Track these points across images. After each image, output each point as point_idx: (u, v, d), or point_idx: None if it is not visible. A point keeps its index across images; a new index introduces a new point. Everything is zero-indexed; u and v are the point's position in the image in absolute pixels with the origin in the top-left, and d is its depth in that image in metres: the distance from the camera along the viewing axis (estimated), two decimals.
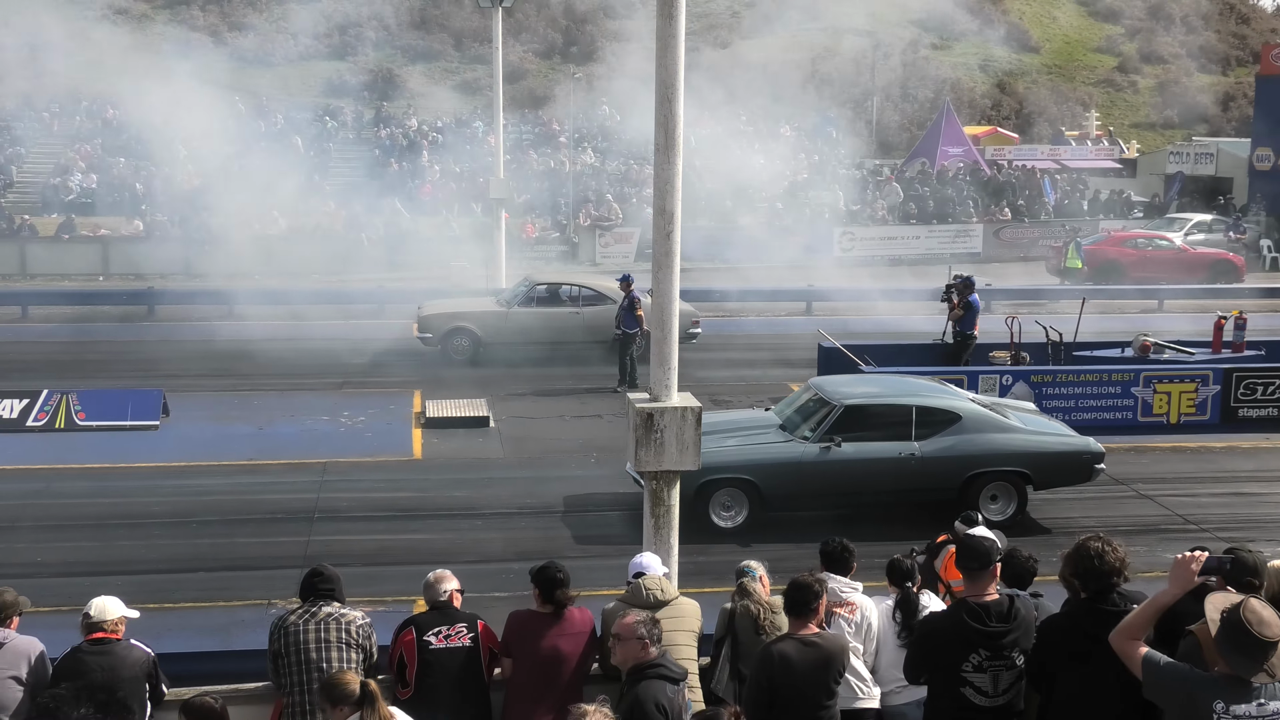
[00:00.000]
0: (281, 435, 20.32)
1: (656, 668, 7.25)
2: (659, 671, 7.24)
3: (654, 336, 9.72)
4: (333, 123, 51.47)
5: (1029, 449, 16.34)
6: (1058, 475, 16.59)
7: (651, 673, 7.21)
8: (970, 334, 23.03)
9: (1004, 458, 16.17)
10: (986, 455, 16.11)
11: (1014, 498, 16.22)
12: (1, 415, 20.34)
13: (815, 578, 7.79)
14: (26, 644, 8.00)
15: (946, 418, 16.21)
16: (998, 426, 16.42)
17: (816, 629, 7.65)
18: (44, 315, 30.83)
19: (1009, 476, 16.19)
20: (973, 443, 16.14)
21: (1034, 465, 16.25)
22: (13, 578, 12.05)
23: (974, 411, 16.46)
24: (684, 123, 9.49)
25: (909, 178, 48.68)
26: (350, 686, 7.03)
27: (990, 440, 16.22)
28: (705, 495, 15.61)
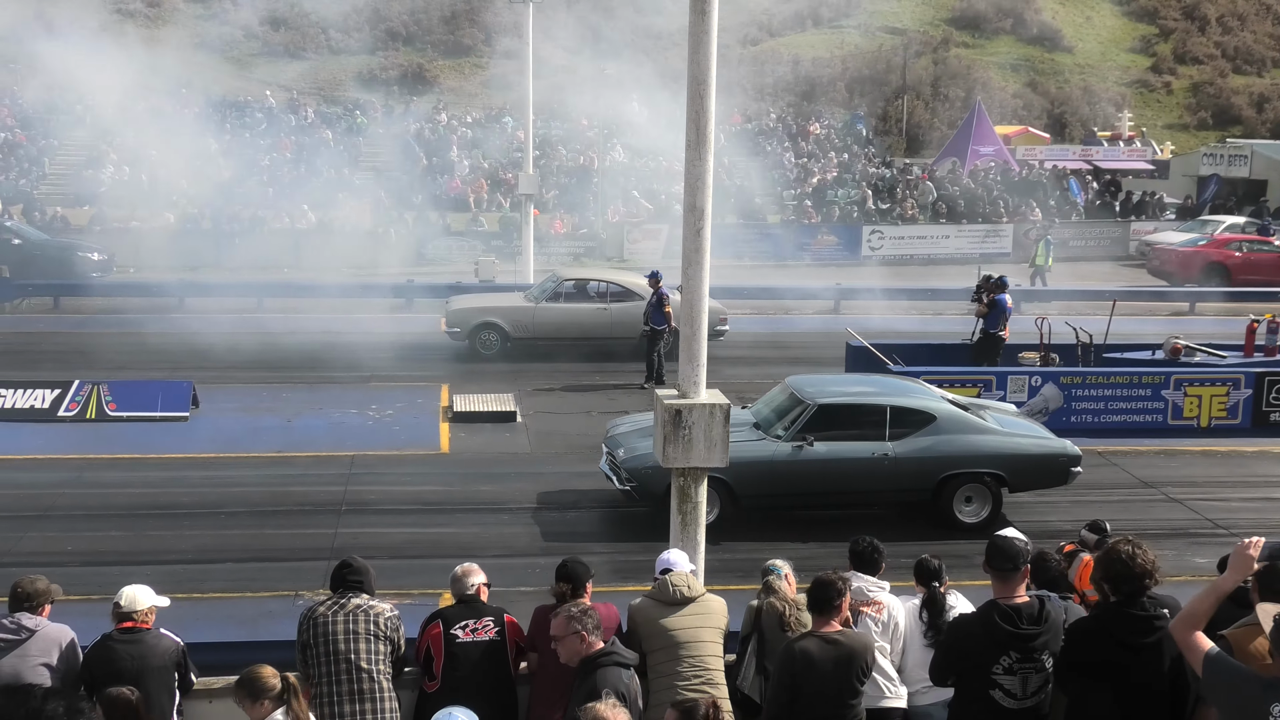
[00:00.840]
0: (310, 428, 20.40)
1: (609, 655, 7.22)
2: (612, 659, 7.21)
3: (683, 333, 9.71)
4: (363, 117, 51.61)
5: (1004, 451, 16.17)
6: (1033, 478, 16.41)
7: (605, 661, 7.18)
8: (996, 333, 22.92)
9: (979, 459, 16.02)
10: (961, 457, 15.97)
11: (989, 500, 16.05)
12: (33, 405, 20.49)
13: (839, 575, 7.78)
14: (58, 632, 8.06)
15: (921, 418, 16.06)
16: (973, 428, 16.26)
17: (839, 627, 7.65)
18: (75, 306, 31.02)
19: (984, 478, 16.03)
20: (947, 444, 16.00)
21: (1009, 467, 16.08)
22: (44, 566, 12.21)
23: (949, 412, 16.29)
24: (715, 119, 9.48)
25: (939, 176, 48.50)
26: (270, 680, 7.09)
27: (965, 441, 16.08)
28: None
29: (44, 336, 27.45)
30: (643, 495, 15.69)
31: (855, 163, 49.74)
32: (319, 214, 40.64)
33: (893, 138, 65.99)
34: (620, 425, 17.23)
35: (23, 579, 8.23)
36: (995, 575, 7.26)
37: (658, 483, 15.46)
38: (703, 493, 9.85)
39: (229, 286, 32.95)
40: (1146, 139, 64.80)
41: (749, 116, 56.13)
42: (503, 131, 50.41)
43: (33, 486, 17.08)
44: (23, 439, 19.32)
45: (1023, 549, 7.33)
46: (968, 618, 7.61)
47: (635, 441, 16.18)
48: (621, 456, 15.96)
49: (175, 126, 48.03)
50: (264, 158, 45.95)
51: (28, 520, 15.72)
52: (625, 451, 16.00)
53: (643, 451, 15.80)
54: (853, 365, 22.54)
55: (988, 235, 44.20)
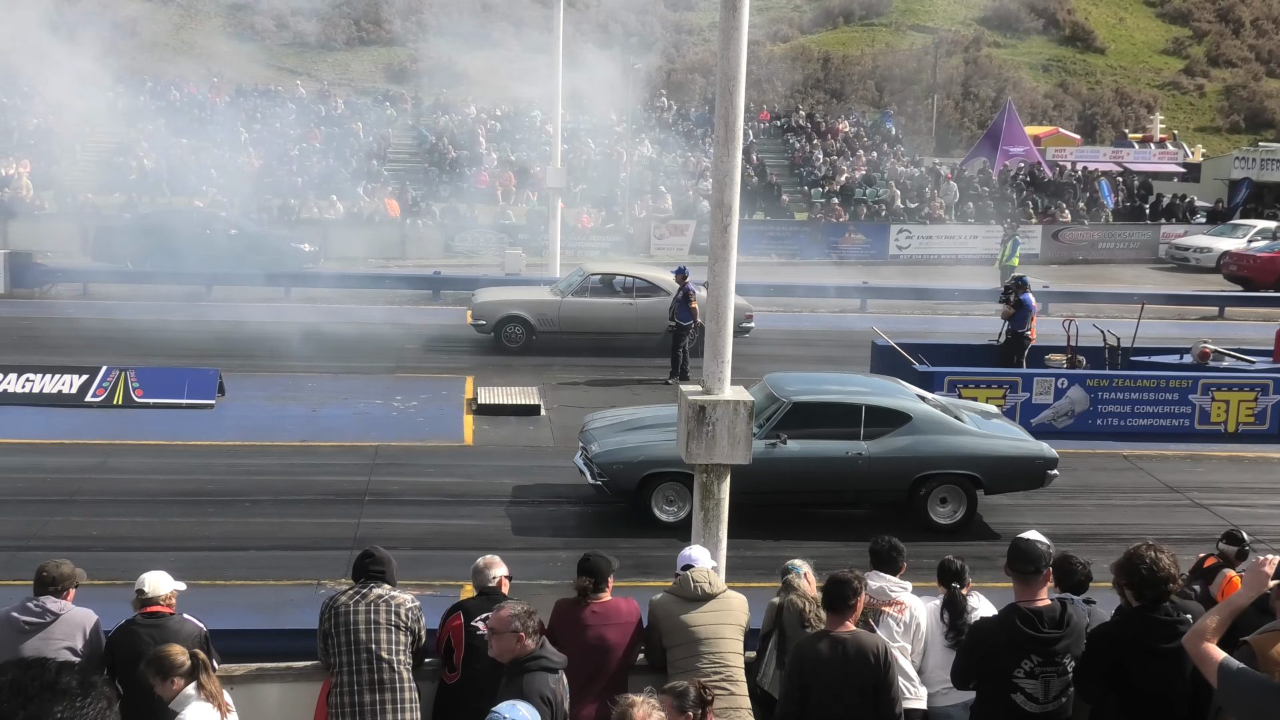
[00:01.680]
0: (334, 418, 20.47)
1: (537, 659, 7.17)
2: (540, 663, 7.16)
3: (708, 329, 9.71)
4: (392, 109, 51.74)
5: (979, 452, 16.03)
6: (1009, 480, 16.28)
7: (533, 665, 7.14)
8: (1023, 333, 22.84)
9: (954, 460, 15.90)
10: (936, 457, 15.86)
11: (964, 501, 15.95)
12: (61, 390, 20.61)
13: (855, 574, 7.77)
14: (82, 615, 8.12)
15: (897, 418, 15.94)
16: (949, 429, 16.13)
17: (853, 627, 7.63)
18: (104, 293, 31.19)
19: (959, 479, 15.92)
20: (922, 444, 15.89)
21: (984, 469, 15.96)
22: (68, 550, 12.28)
23: (925, 413, 16.17)
24: (743, 115, 9.47)
25: (968, 177, 48.33)
26: (179, 658, 7.13)
27: (940, 442, 15.95)
28: (648, 489, 15.58)
29: (72, 322, 27.59)
30: (614, 491, 15.72)
31: (884, 161, 49.60)
32: (347, 205, 40.74)
33: (922, 137, 65.75)
34: (595, 420, 17.27)
35: (48, 563, 8.29)
36: (1016, 578, 7.24)
37: (628, 478, 15.56)
38: (725, 489, 9.85)
39: (255, 275, 33.05)
40: (1178, 141, 64.45)
41: (778, 114, 56.04)
42: (531, 125, 50.46)
43: (59, 471, 17.18)
44: (50, 424, 19.43)
45: (1045, 552, 7.29)
46: (988, 621, 7.58)
47: (608, 436, 16.20)
48: (594, 451, 15.94)
49: (206, 115, 48.32)
50: (293, 148, 46.12)
51: (53, 505, 15.82)
52: (598, 446, 15.99)
53: (614, 447, 15.84)
54: (878, 364, 22.49)
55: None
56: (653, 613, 8.41)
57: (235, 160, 44.39)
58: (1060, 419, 20.72)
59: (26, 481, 16.66)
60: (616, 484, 15.64)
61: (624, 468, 15.57)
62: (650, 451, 15.71)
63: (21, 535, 14.69)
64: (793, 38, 77.87)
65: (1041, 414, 20.67)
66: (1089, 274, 40.93)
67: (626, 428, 16.54)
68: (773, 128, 53.53)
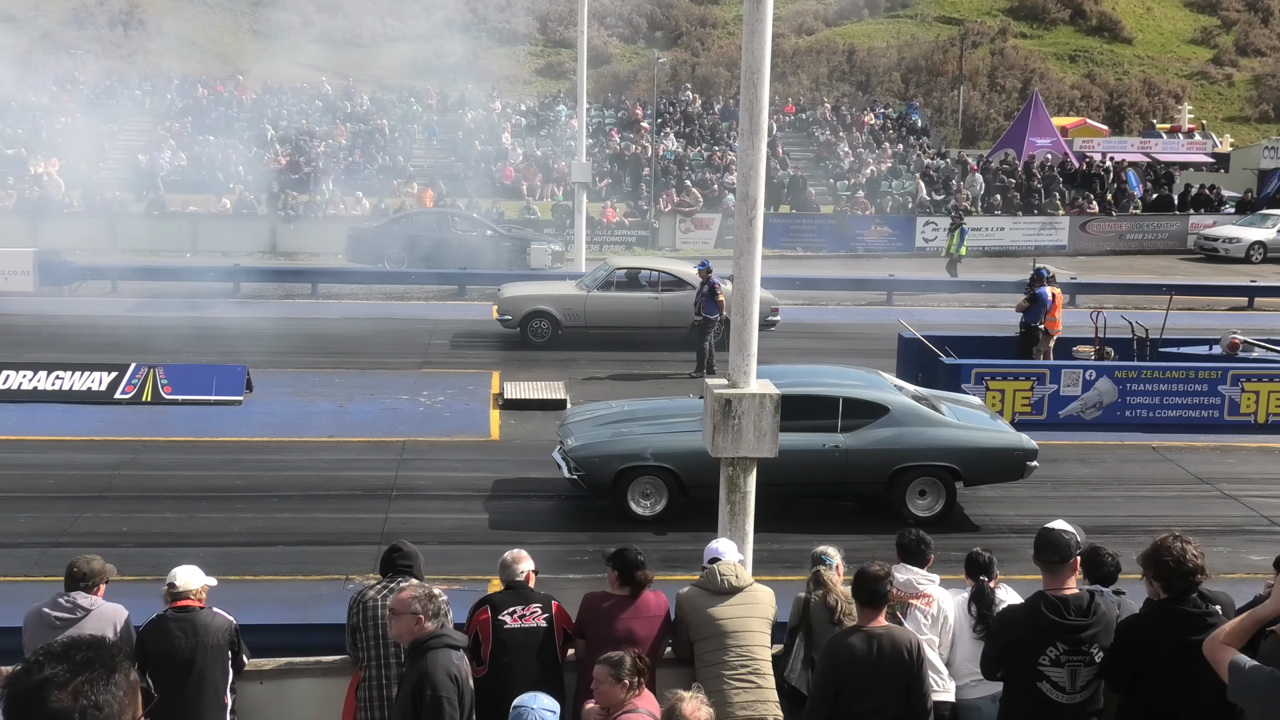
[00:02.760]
0: (362, 413, 20.54)
1: (439, 638, 7.20)
2: (443, 641, 7.19)
3: (734, 323, 9.70)
4: (417, 105, 51.85)
5: (957, 444, 15.95)
6: (988, 471, 16.19)
7: (436, 643, 7.16)
8: (1035, 326, 22.71)
9: (932, 452, 15.83)
10: (914, 449, 15.80)
11: (942, 493, 15.87)
12: (90, 387, 20.74)
13: (884, 568, 7.75)
14: (112, 611, 8.17)
15: (874, 410, 15.85)
16: (927, 420, 16.06)
17: (885, 622, 7.61)
18: (132, 290, 31.36)
19: (937, 471, 15.84)
20: (900, 436, 15.82)
21: (963, 460, 15.87)
22: (99, 546, 12.34)
23: (903, 404, 16.11)
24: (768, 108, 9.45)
25: (994, 168, 48.14)
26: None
27: (918, 434, 15.89)
28: (623, 483, 15.55)
29: (101, 319, 27.75)
30: (589, 485, 15.71)
31: (910, 154, 49.45)
32: (373, 201, 40.85)
33: (948, 129, 65.52)
34: (574, 414, 17.28)
35: (78, 558, 8.35)
36: (1043, 567, 7.23)
37: (603, 472, 15.54)
38: (751, 482, 9.82)
39: (283, 272, 33.21)
40: (1206, 131, 64.04)
41: (803, 106, 55.92)
42: (556, 120, 50.50)
43: (89, 468, 17.29)
44: (80, 420, 19.56)
45: (1071, 541, 7.28)
46: (1014, 609, 7.56)
47: (585, 430, 16.19)
48: (569, 445, 15.92)
49: (232, 113, 48.54)
50: (319, 144, 46.28)
51: (84, 501, 15.91)
52: (573, 440, 15.97)
53: (590, 440, 15.83)
54: (904, 357, 22.44)
55: (1043, 228, 43.83)
56: (680, 606, 8.41)
57: (262, 157, 44.61)
58: (1088, 411, 20.63)
59: (57, 478, 16.77)
60: (592, 478, 15.62)
61: (599, 462, 15.55)
62: (625, 445, 15.72)
63: (52, 531, 14.80)
64: (817, 30, 77.66)
65: (1069, 406, 20.59)
66: (1117, 265, 40.72)
67: (603, 421, 16.56)
68: (798, 121, 53.44)
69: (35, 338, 25.23)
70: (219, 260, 35.37)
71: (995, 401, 20.35)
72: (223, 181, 42.78)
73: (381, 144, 47.07)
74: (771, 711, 8.14)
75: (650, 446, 15.67)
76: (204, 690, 7.90)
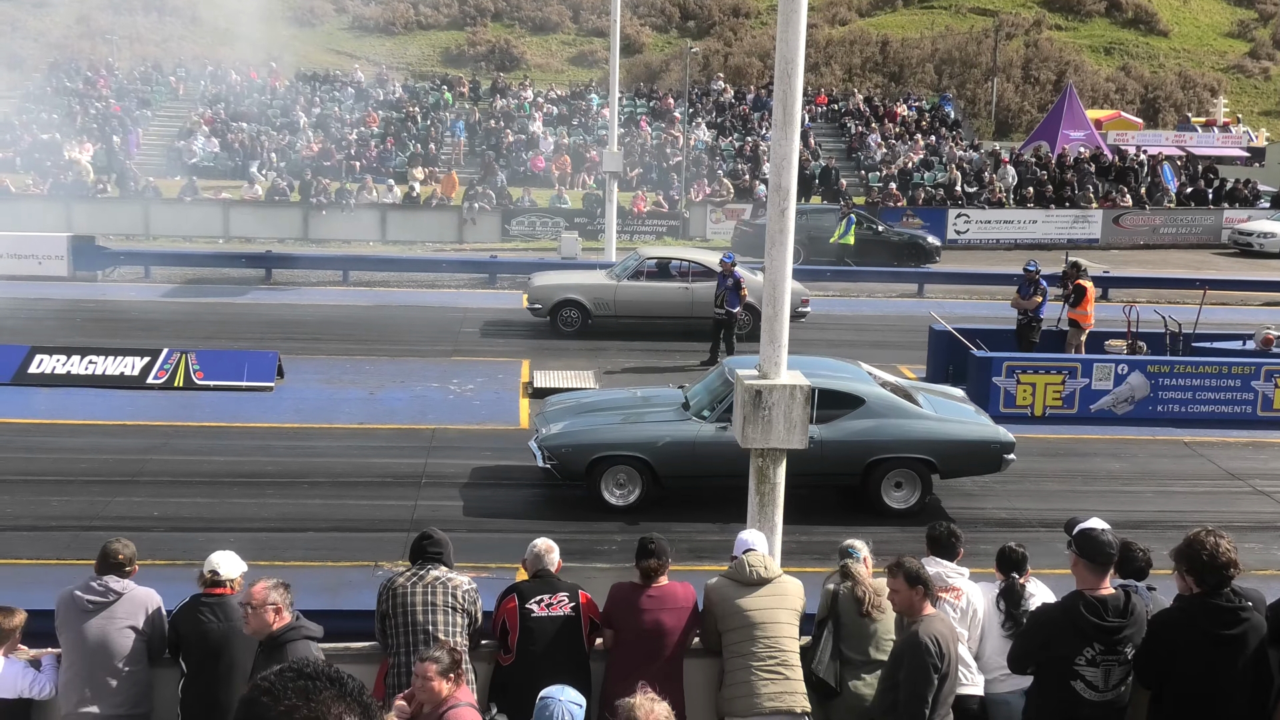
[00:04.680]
0: (392, 400, 20.60)
1: (296, 629, 7.21)
2: (301, 633, 7.20)
3: (765, 313, 9.68)
4: (449, 92, 51.93)
5: (933, 436, 15.85)
6: (964, 464, 16.09)
7: (293, 635, 7.17)
8: (1040, 317, 22.63)
9: (907, 444, 15.74)
10: (889, 441, 15.71)
11: (918, 486, 15.78)
12: (123, 372, 20.86)
13: (918, 561, 7.78)
14: (145, 595, 8.22)
15: (849, 401, 15.74)
16: (902, 412, 15.95)
17: (933, 610, 7.68)
18: (165, 276, 31.52)
19: (913, 464, 15.75)
20: (875, 428, 15.73)
21: (938, 453, 15.77)
22: (131, 530, 12.43)
23: (878, 396, 16.00)
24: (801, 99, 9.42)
25: (1027, 160, 47.88)
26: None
27: (893, 426, 15.79)
28: (597, 472, 15.52)
29: (134, 305, 27.91)
30: (562, 474, 15.71)
31: (943, 145, 49.24)
32: (405, 189, 40.96)
33: (981, 120, 65.21)
34: (552, 403, 17.28)
35: (111, 542, 8.39)
36: (1088, 568, 7.14)
37: (576, 462, 15.52)
38: (781, 473, 9.81)
39: (315, 259, 33.34)
40: (1242, 125, 63.52)
41: (836, 97, 55.76)
42: (588, 109, 50.49)
43: (121, 452, 17.40)
44: (113, 405, 19.69)
45: (1114, 541, 7.24)
46: (1051, 608, 7.51)
47: (560, 419, 16.18)
48: (543, 434, 15.91)
49: (265, 99, 48.72)
50: (351, 132, 46.42)
51: (116, 485, 16.02)
52: (547, 429, 15.96)
53: (563, 430, 15.82)
54: (935, 349, 22.38)
55: (1076, 220, 43.58)
56: (708, 597, 8.42)
57: (294, 144, 44.77)
58: (1120, 405, 20.52)
59: (89, 462, 16.88)
60: (565, 467, 15.60)
61: (572, 451, 15.53)
62: (599, 435, 15.72)
63: (85, 515, 14.90)
64: (851, 20, 77.39)
65: (1101, 400, 20.48)
66: (1150, 259, 40.44)
67: (580, 410, 16.57)
68: (830, 111, 53.28)
69: (69, 323, 25.39)
70: (251, 247, 35.54)
71: (1026, 395, 20.27)
72: (255, 168, 42.96)
73: (413, 132, 47.17)
74: (800, 703, 8.14)
75: (625, 437, 15.67)
76: (234, 674, 7.95)
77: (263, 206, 39.05)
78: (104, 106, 47.01)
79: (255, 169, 42.69)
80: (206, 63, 53.06)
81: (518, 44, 69.27)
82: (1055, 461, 18.45)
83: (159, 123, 47.97)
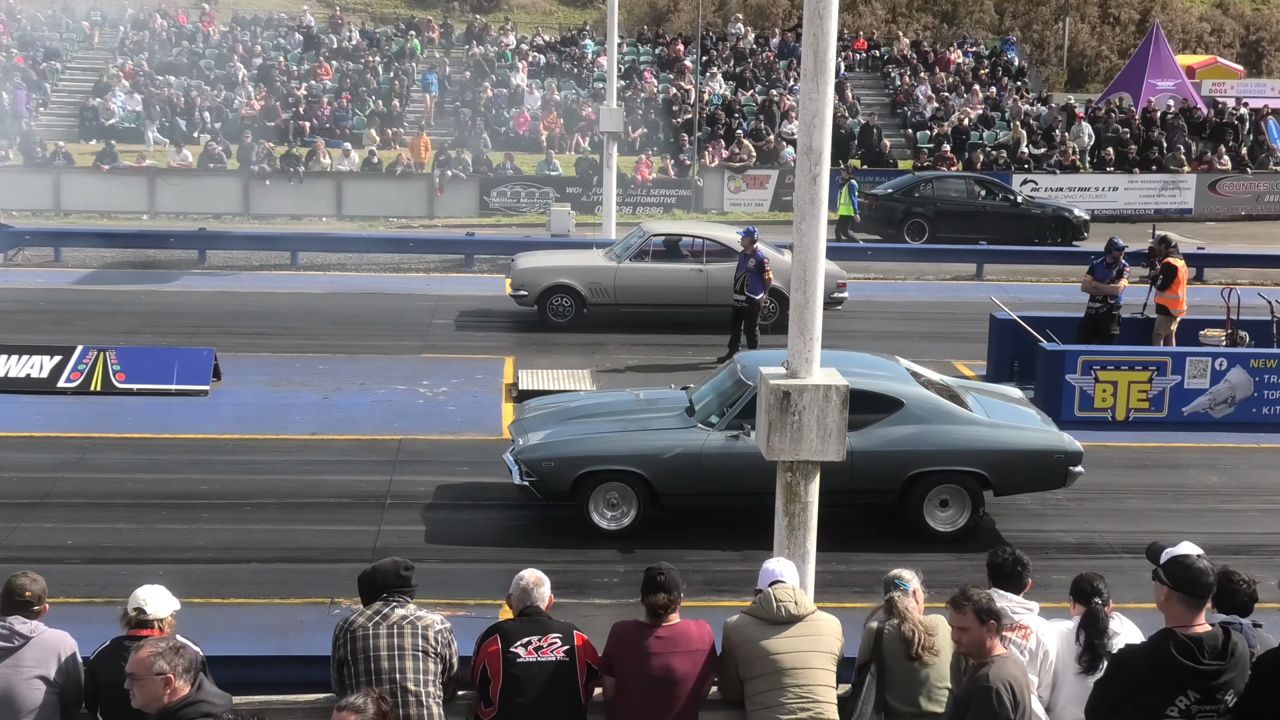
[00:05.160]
0: (350, 406, 20.61)
1: (194, 705, 6.95)
2: (201, 709, 6.94)
3: (794, 300, 9.65)
4: (416, 39, 51.95)
5: (985, 445, 15.75)
6: (1022, 478, 16.00)
7: (190, 712, 6.91)
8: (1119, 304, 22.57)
9: (953, 455, 15.63)
10: (932, 452, 15.61)
11: (967, 504, 15.68)
12: (30, 374, 20.87)
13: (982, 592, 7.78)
14: (57, 639, 8.19)
15: (885, 404, 15.59)
16: (949, 417, 15.89)
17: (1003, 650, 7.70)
18: (79, 259, 31.55)
19: (961, 478, 15.65)
20: (916, 436, 15.63)
21: (991, 465, 15.63)
22: (40, 563, 12.42)
23: (919, 397, 15.91)
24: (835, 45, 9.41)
25: (1106, 116, 47.87)
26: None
27: (938, 433, 15.71)
28: (584, 490, 15.46)
29: (42, 293, 27.95)
30: (543, 493, 15.68)
31: (1005, 98, 49.21)
32: (364, 153, 40.97)
33: (1051, 68, 65.14)
34: (530, 408, 17.31)
35: (16, 577, 8.38)
36: (1180, 601, 7.12)
37: (559, 478, 15.46)
38: (814, 491, 9.79)
39: (258, 238, 33.34)
40: None
41: (877, 42, 55.74)
42: (581, 57, 50.50)
43: (27, 469, 17.40)
44: (17, 413, 19.69)
45: (1211, 569, 7.22)
46: (1136, 649, 7.49)
47: (540, 428, 16.19)
48: (519, 446, 15.88)
49: (196, 48, 48.71)
50: (300, 86, 46.44)
51: (22, 509, 16.02)
52: (526, 440, 15.94)
53: (544, 440, 15.80)
54: (998, 342, 22.37)
55: (1165, 187, 43.57)
56: (728, 637, 8.42)
57: (232, 101, 44.77)
58: (1218, 407, 20.51)
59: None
60: (546, 485, 15.54)
61: (555, 465, 15.47)
62: (586, 446, 15.69)
63: None
64: None
65: (1195, 401, 20.48)
66: (1253, 232, 40.41)
67: (563, 417, 16.55)
68: (870, 59, 53.27)
69: None
70: (181, 224, 35.55)
71: (1106, 396, 20.27)
72: (186, 130, 42.97)
73: (374, 86, 47.19)
74: None
75: (618, 448, 15.64)
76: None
77: (194, 176, 39.09)
78: (4, 58, 47.03)
79: (185, 131, 42.73)
80: (126, 5, 53.05)
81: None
82: (1141, 475, 18.44)
83: (70, 77, 47.99)
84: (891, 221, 36.79)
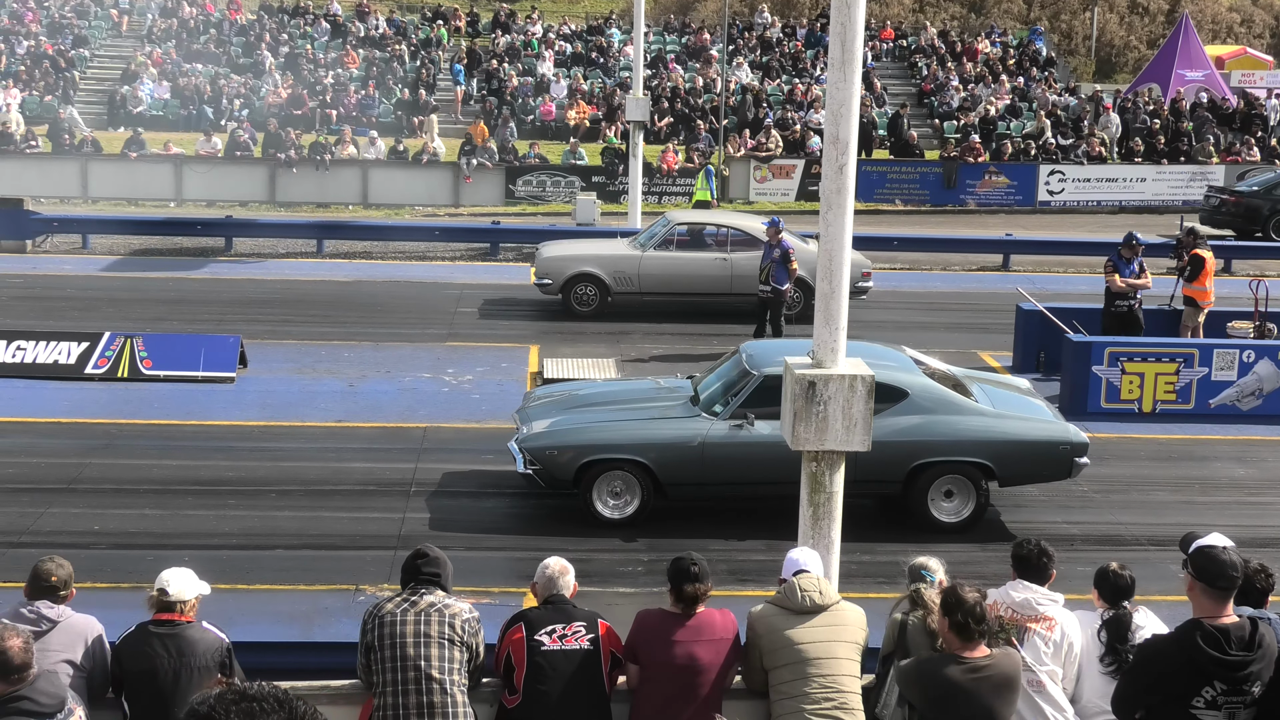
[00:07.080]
0: (376, 394, 20.65)
1: (18, 701, 6.80)
2: (20, 706, 6.80)
3: (820, 290, 9.63)
4: (443, 28, 51.97)
5: (989, 436, 15.73)
6: (1027, 469, 15.99)
7: (12, 708, 6.77)
8: (1139, 299, 22.42)
9: (958, 446, 15.63)
10: (936, 442, 15.60)
11: (972, 495, 15.68)
12: (57, 360, 20.94)
13: (979, 590, 7.72)
14: (84, 624, 8.23)
15: (889, 393, 15.36)
16: (954, 407, 15.87)
17: (987, 651, 7.62)
18: (107, 246, 31.65)
19: (965, 469, 15.66)
20: (920, 426, 15.60)
21: (996, 456, 15.63)
22: (67, 548, 12.50)
23: (924, 387, 15.91)
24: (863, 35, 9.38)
25: (1135, 106, 47.65)
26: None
27: (942, 423, 15.69)
28: (588, 479, 15.47)
29: (70, 280, 28.05)
30: (546, 481, 15.68)
31: (1033, 89, 49.02)
32: (390, 142, 40.99)
33: (1079, 58, 64.86)
34: (534, 396, 17.30)
35: (43, 561, 8.41)
36: (1206, 592, 7.11)
37: (563, 467, 15.47)
38: (839, 481, 9.79)
39: (284, 226, 33.41)
40: None
41: (904, 31, 55.58)
42: (608, 46, 50.46)
43: (55, 455, 17.49)
44: (45, 399, 19.78)
45: (1238, 561, 7.20)
46: (1163, 640, 7.48)
47: (543, 415, 16.19)
48: (523, 434, 15.87)
49: (225, 37, 48.80)
50: (327, 74, 46.50)
51: (49, 494, 16.11)
52: (529, 428, 15.93)
53: (548, 429, 15.80)
54: (1024, 332, 22.31)
55: (1193, 179, 43.34)
56: (752, 627, 8.42)
57: (259, 89, 44.85)
58: (1245, 400, 20.43)
59: (18, 467, 16.98)
60: (549, 473, 15.56)
61: (559, 453, 15.51)
62: (589, 434, 15.71)
63: (13, 530, 14.99)
64: None
65: (1223, 393, 20.40)
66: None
67: (568, 405, 16.56)
68: (898, 48, 53.12)
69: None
70: (208, 211, 35.64)
71: (1133, 388, 20.20)
72: (213, 118, 43.05)
73: (400, 75, 47.23)
74: None
75: (621, 436, 15.65)
76: None
77: (222, 164, 39.14)
78: (34, 45, 47.18)
79: (213, 119, 42.81)
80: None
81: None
82: (1167, 466, 18.40)
83: (98, 65, 48.14)
84: (1256, 219, 36.23)
